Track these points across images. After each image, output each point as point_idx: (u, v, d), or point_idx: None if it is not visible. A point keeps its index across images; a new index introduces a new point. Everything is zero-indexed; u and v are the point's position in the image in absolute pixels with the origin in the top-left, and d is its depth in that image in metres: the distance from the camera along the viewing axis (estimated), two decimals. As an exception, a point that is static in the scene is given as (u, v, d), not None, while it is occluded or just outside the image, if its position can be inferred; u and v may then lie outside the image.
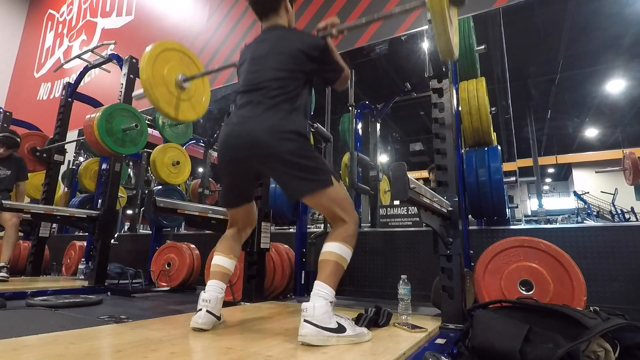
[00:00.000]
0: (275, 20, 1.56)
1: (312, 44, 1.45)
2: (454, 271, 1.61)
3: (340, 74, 1.51)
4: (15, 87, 7.46)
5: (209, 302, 1.34)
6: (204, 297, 1.36)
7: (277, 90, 1.36)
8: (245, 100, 1.41)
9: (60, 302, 2.11)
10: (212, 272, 1.46)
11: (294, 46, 1.43)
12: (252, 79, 1.43)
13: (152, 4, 5.76)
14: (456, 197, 1.72)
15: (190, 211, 2.30)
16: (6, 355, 0.94)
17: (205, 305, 1.33)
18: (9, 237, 3.24)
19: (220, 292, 1.40)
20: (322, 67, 1.48)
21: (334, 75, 1.51)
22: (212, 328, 1.33)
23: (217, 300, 1.37)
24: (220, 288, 1.41)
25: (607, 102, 11.62)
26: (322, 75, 1.52)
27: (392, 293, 2.44)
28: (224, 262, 1.48)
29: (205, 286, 1.43)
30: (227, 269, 1.48)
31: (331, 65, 1.49)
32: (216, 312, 1.36)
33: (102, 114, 2.69)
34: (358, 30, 3.69)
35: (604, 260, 2.13)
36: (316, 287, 1.21)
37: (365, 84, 8.26)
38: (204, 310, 1.32)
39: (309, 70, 1.44)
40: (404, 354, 1.07)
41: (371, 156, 4.45)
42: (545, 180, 20.61)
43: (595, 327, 1.09)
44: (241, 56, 1.59)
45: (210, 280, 1.43)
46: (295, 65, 1.41)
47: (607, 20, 7.25)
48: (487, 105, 2.59)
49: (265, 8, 1.55)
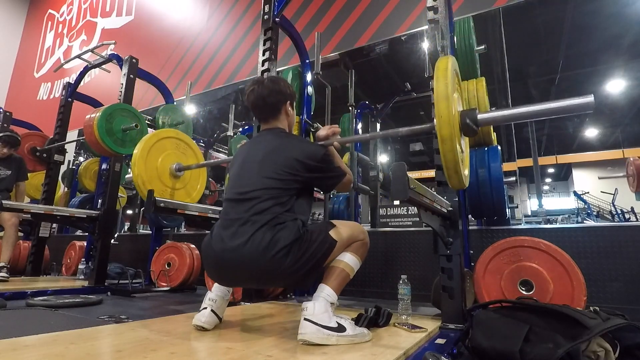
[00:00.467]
0: (275, 124, 1.49)
1: (311, 153, 1.35)
2: (454, 271, 1.61)
3: (340, 180, 1.42)
4: (15, 87, 7.46)
5: (215, 302, 1.36)
6: (211, 297, 1.37)
7: (268, 202, 1.25)
8: (231, 215, 1.29)
9: (60, 302, 2.11)
10: None
11: (290, 155, 1.33)
12: (241, 185, 1.33)
13: (152, 4, 5.76)
14: (456, 197, 1.72)
15: (190, 211, 2.30)
16: (6, 355, 0.94)
17: (211, 305, 1.35)
18: (9, 237, 3.24)
19: (226, 293, 1.42)
20: (320, 176, 1.39)
21: (333, 182, 1.42)
22: (213, 328, 1.34)
23: (223, 301, 1.39)
24: (227, 291, 1.43)
25: (607, 102, 11.61)
26: (320, 183, 1.42)
27: (392, 293, 2.44)
28: None
29: (204, 286, 1.44)
30: None
31: (331, 173, 1.41)
32: (220, 313, 1.37)
33: (102, 114, 2.69)
34: (358, 31, 3.70)
35: (604, 260, 2.13)
36: (319, 289, 1.24)
37: (365, 84, 8.25)
38: (209, 309, 1.34)
39: (305, 180, 1.34)
40: (404, 354, 1.08)
41: (371, 156, 4.45)
42: (545, 180, 20.61)
43: (595, 327, 1.09)
44: (235, 156, 1.52)
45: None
46: (290, 175, 1.30)
47: (607, 20, 7.24)
48: (487, 105, 2.59)
49: (265, 113, 1.49)
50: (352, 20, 3.74)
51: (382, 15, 3.54)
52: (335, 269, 1.27)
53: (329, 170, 1.40)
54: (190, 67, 5.03)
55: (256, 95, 1.46)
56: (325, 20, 3.94)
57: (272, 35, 2.48)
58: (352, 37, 3.68)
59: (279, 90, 1.48)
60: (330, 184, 1.44)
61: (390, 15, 3.49)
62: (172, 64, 5.22)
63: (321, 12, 4.01)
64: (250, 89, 1.48)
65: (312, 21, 4.05)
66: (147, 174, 1.90)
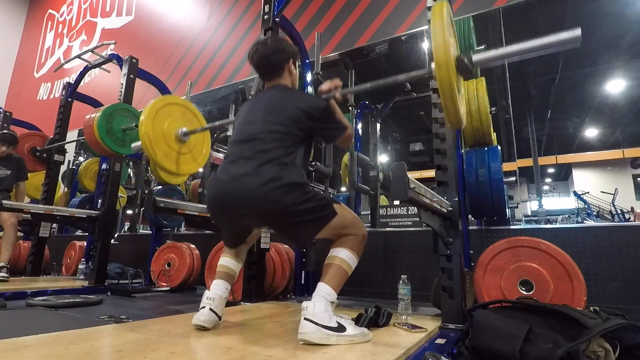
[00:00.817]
0: (278, 81, 1.54)
1: (314, 104, 1.41)
2: (454, 271, 1.61)
3: (341, 133, 1.46)
4: (15, 87, 7.46)
5: (213, 301, 1.36)
6: (208, 295, 1.37)
7: (272, 143, 1.30)
8: (236, 154, 1.34)
9: (60, 302, 2.11)
10: (218, 272, 1.48)
11: (294, 104, 1.39)
12: (246, 130, 1.39)
13: (152, 4, 5.77)
14: (456, 197, 1.72)
15: (190, 211, 2.30)
16: (6, 355, 0.94)
17: (209, 304, 1.35)
18: (8, 237, 3.24)
19: (224, 292, 1.42)
20: (322, 126, 1.44)
21: (335, 134, 1.47)
22: (212, 328, 1.34)
23: (221, 299, 1.39)
24: (225, 288, 1.43)
25: (607, 102, 11.61)
26: (322, 133, 1.50)
27: (392, 293, 2.44)
28: (230, 263, 1.50)
29: (205, 286, 1.44)
30: (232, 270, 1.50)
31: (333, 124, 1.45)
32: (219, 312, 1.37)
33: (102, 114, 2.69)
34: (358, 31, 3.70)
35: (604, 260, 2.13)
36: (318, 287, 1.23)
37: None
38: (207, 308, 1.34)
39: (307, 128, 1.38)
40: (404, 354, 1.07)
41: (371, 156, 4.45)
42: (545, 180, 20.61)
43: (595, 327, 1.09)
44: (240, 110, 1.58)
45: (215, 279, 1.45)
46: (292, 122, 1.35)
47: (607, 20, 7.25)
48: (487, 105, 2.59)
49: (268, 72, 1.54)
50: (352, 20, 3.74)
51: (382, 15, 3.54)
52: (333, 267, 1.27)
53: (331, 122, 1.45)
54: (190, 67, 5.03)
55: (260, 55, 1.50)
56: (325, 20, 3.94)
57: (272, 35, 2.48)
58: (352, 37, 3.68)
59: (282, 49, 1.53)
60: (332, 136, 1.49)
61: (390, 15, 3.49)
62: (172, 64, 5.22)
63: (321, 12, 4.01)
64: (254, 49, 1.52)
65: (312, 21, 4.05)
66: (154, 133, 1.93)
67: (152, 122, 1.92)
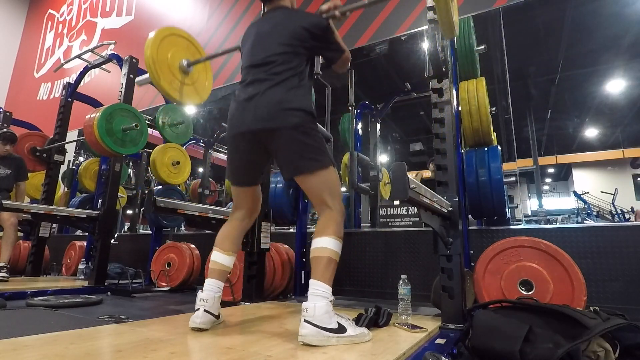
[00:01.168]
0: (278, 2, 1.60)
1: (315, 22, 1.49)
2: (454, 271, 1.61)
3: (341, 54, 1.55)
4: (15, 87, 7.45)
5: (206, 302, 1.34)
6: (201, 297, 1.36)
7: (282, 65, 1.40)
8: (251, 77, 1.45)
9: (60, 302, 2.11)
10: (210, 270, 1.45)
11: (297, 23, 1.47)
12: (257, 54, 1.48)
13: (152, 4, 5.76)
14: (456, 197, 1.72)
15: (190, 211, 2.30)
16: (6, 355, 0.94)
17: (203, 305, 1.33)
18: (8, 237, 3.24)
19: (217, 291, 1.40)
20: (324, 45, 1.53)
21: (334, 55, 1.55)
22: (212, 328, 1.34)
23: (215, 299, 1.37)
24: (218, 287, 1.41)
25: (607, 102, 11.61)
26: (324, 53, 1.57)
27: (392, 293, 2.44)
28: (222, 259, 1.46)
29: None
30: (225, 266, 1.46)
31: (333, 45, 1.54)
32: (214, 311, 1.35)
33: (102, 114, 2.68)
34: (358, 31, 3.69)
35: (604, 260, 2.13)
36: (313, 286, 1.21)
37: (365, 84, 8.25)
38: (202, 309, 1.32)
39: (310, 47, 1.48)
40: (404, 354, 1.07)
41: (371, 156, 4.45)
42: (545, 180, 20.61)
43: (595, 327, 1.09)
44: (245, 35, 1.64)
45: (208, 279, 1.42)
46: (297, 41, 1.45)
47: (607, 20, 7.24)
48: (487, 105, 2.59)
49: None
50: (352, 20, 3.74)
51: (382, 15, 3.54)
52: (323, 260, 1.24)
53: (331, 42, 1.53)
54: (190, 67, 5.02)
55: None
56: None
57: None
58: (352, 37, 3.68)
59: None
60: (331, 56, 1.56)
61: (390, 15, 3.49)
62: (172, 64, 5.20)
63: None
64: None
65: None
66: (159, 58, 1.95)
67: (157, 48, 1.93)
